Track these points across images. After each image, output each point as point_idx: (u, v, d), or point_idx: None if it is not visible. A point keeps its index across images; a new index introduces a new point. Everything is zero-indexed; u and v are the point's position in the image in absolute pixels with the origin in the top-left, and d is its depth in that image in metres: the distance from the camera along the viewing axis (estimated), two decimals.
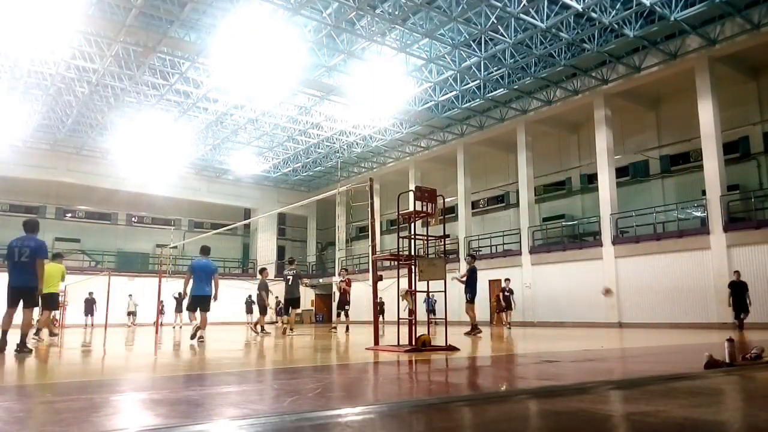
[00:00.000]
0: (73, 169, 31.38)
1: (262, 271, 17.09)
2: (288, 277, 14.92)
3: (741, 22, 18.00)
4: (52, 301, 11.91)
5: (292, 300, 14.84)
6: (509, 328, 18.17)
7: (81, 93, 23.15)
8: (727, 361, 5.10)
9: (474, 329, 13.35)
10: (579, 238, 24.57)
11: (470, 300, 14.09)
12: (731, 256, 18.26)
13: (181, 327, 22.58)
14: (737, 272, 16.71)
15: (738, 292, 16.31)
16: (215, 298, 10.61)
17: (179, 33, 18.78)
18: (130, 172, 31.69)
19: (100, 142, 29.32)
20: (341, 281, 17.76)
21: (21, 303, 8.14)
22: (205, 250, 11.05)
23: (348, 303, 17.41)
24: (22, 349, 7.79)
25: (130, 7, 16.95)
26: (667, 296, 19.57)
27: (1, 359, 7.03)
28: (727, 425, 2.78)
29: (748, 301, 16.15)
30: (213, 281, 10.58)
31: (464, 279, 14.30)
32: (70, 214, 35.06)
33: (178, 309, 24.63)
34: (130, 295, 28.54)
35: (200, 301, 10.68)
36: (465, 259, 16.31)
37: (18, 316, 8.07)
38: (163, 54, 20.35)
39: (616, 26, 17.84)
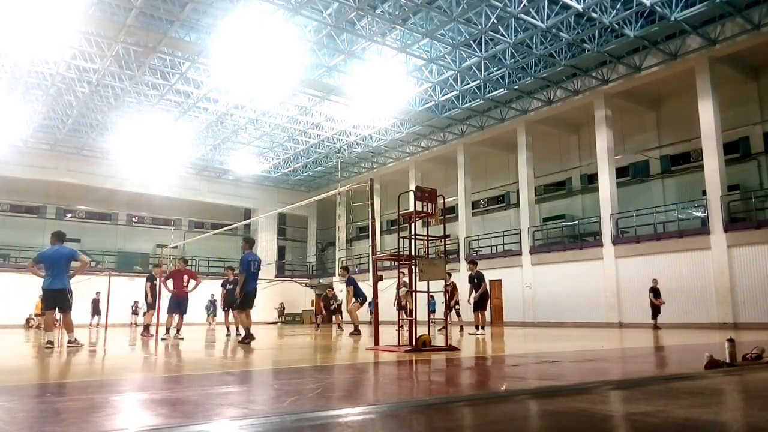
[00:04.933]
0: (74, 169, 31.39)
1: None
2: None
3: (741, 22, 18.00)
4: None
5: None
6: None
7: (81, 93, 23.15)
8: (728, 361, 5.09)
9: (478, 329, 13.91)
10: (579, 238, 24.56)
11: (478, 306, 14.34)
12: (731, 256, 18.27)
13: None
14: (655, 280, 18.32)
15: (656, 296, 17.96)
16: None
17: (179, 33, 18.79)
18: (130, 172, 31.70)
19: (100, 142, 29.33)
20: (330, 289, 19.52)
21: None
22: (59, 236, 9.12)
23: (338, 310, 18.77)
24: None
25: (130, 7, 16.95)
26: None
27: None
28: (728, 425, 2.77)
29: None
30: (70, 271, 8.99)
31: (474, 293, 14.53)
32: (70, 214, 35.07)
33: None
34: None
35: (54, 298, 8.91)
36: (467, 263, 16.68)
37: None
38: (164, 54, 20.36)
39: (616, 26, 17.84)
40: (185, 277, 12.91)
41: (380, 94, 21.88)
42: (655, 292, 18.10)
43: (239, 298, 10.77)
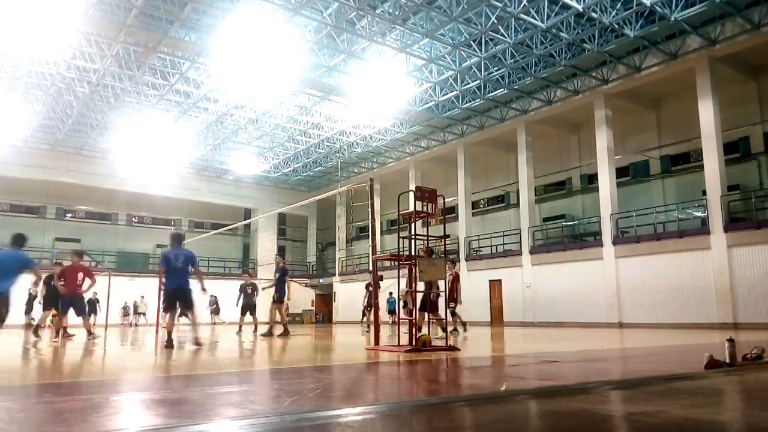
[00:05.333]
0: (74, 169, 31.39)
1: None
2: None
3: (741, 22, 18.00)
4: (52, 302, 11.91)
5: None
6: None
7: (81, 93, 23.15)
8: (728, 361, 5.09)
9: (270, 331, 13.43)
10: (579, 238, 24.56)
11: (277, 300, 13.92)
12: (731, 256, 18.27)
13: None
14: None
15: None
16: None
17: (179, 33, 18.79)
18: (130, 172, 31.69)
19: (100, 142, 29.33)
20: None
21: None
22: (17, 240, 8.49)
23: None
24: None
25: (130, 7, 16.95)
26: (668, 296, 19.57)
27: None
28: (728, 425, 2.77)
29: None
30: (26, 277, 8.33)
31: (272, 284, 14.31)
32: (70, 214, 35.07)
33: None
34: (143, 297, 28.81)
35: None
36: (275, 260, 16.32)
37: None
38: (164, 54, 20.36)
39: (616, 26, 17.83)
40: (80, 275, 11.71)
41: (380, 94, 21.88)
42: None
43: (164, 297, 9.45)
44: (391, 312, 20.08)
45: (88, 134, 28.32)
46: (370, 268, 10.10)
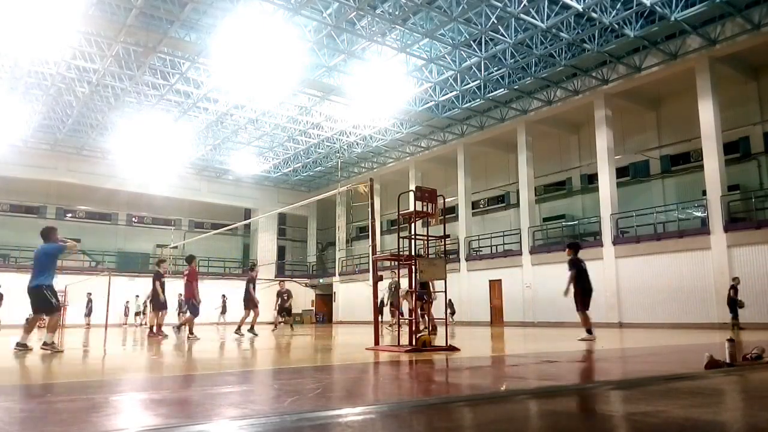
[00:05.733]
0: (74, 170, 31.40)
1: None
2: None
3: (741, 22, 18.00)
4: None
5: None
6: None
7: (81, 93, 23.15)
8: (728, 361, 5.09)
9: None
10: (579, 238, 24.54)
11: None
12: (732, 256, 18.27)
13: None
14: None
15: None
16: None
17: (179, 33, 18.79)
18: (130, 172, 31.70)
19: (100, 143, 29.34)
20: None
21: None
22: (45, 233, 8.58)
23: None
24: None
25: (130, 7, 16.95)
26: (668, 296, 19.58)
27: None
28: (728, 425, 2.77)
29: None
30: None
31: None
32: (70, 214, 35.08)
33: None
34: (137, 296, 28.83)
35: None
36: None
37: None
38: (164, 54, 20.36)
39: (616, 26, 17.84)
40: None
41: (380, 94, 21.88)
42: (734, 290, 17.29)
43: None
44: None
45: (88, 134, 28.32)
46: (390, 266, 9.96)
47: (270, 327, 20.17)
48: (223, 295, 29.64)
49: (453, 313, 25.43)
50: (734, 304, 16.89)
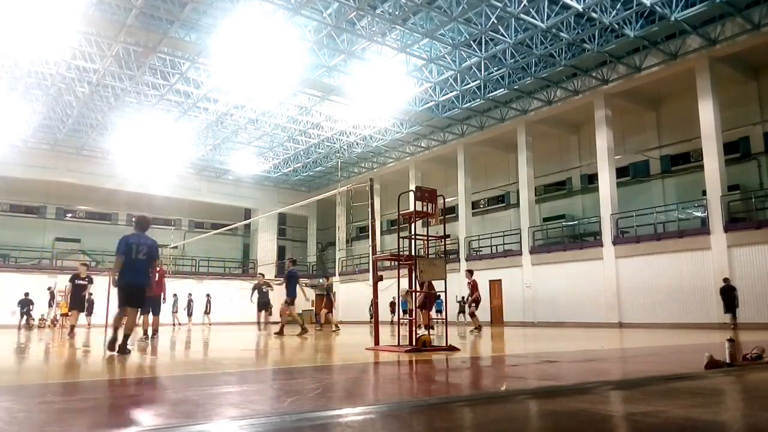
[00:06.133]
0: (74, 170, 31.39)
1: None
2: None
3: (741, 22, 18.00)
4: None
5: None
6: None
7: (81, 93, 23.15)
8: (728, 361, 5.09)
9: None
10: (579, 238, 24.57)
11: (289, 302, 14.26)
12: (732, 256, 18.27)
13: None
14: None
15: None
16: None
17: (179, 33, 18.79)
18: (130, 172, 31.69)
19: (100, 143, 29.33)
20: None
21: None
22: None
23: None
24: (123, 350, 7.26)
25: (130, 7, 16.95)
26: (668, 296, 19.58)
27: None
28: (728, 425, 2.77)
29: None
30: None
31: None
32: (70, 214, 35.07)
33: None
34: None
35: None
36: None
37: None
38: (164, 54, 20.35)
39: (616, 26, 17.83)
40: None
41: (380, 94, 21.88)
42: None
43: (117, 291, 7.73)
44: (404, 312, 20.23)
45: (88, 134, 28.32)
46: (390, 266, 9.68)
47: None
48: (208, 295, 29.57)
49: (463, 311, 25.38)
50: (733, 303, 16.91)
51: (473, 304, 15.38)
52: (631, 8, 17.02)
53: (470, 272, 15.90)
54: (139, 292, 7.68)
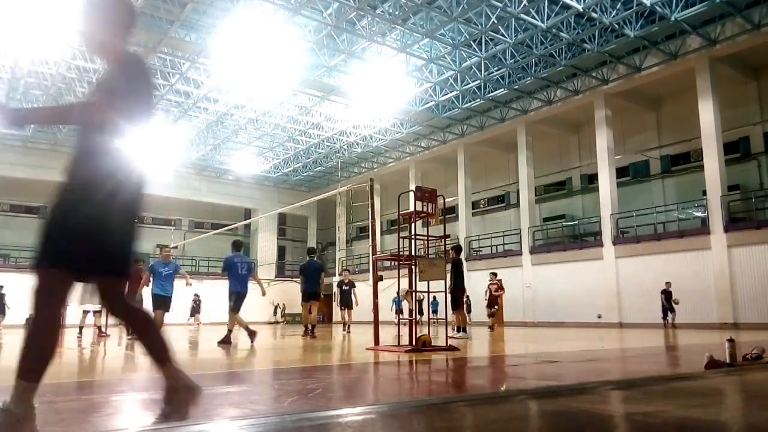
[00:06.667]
0: None
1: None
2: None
3: (741, 22, 18.01)
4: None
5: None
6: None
7: (81, 93, 23.15)
8: (728, 361, 5.09)
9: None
10: (579, 238, 24.57)
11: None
12: (732, 257, 18.27)
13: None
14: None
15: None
16: None
17: (180, 33, 18.79)
18: None
19: None
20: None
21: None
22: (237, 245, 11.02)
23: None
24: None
25: None
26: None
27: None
28: (728, 425, 2.77)
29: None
30: None
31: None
32: None
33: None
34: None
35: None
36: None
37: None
38: (164, 54, 20.36)
39: (616, 26, 17.84)
40: None
41: (380, 94, 21.89)
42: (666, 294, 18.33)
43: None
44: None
45: None
46: (411, 266, 9.52)
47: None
48: (196, 294, 29.59)
49: (470, 311, 25.42)
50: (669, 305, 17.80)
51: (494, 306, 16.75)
52: (631, 8, 17.03)
53: (494, 274, 17.22)
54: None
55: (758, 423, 2.83)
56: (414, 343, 7.89)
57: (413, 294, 8.88)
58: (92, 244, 2.29)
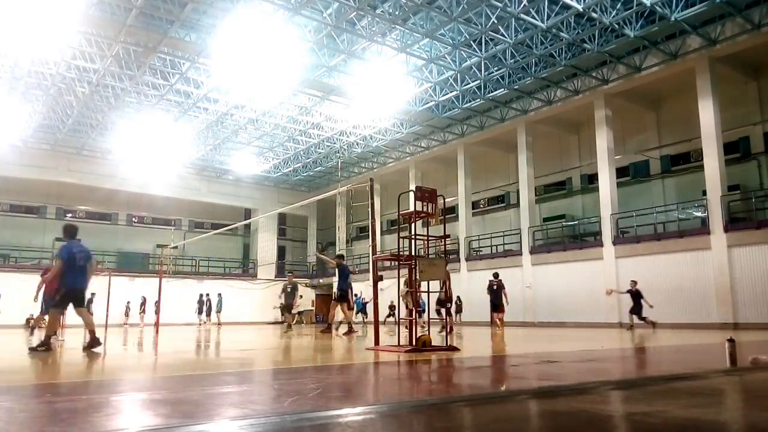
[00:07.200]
0: (74, 170, 31.40)
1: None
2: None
3: (741, 22, 18.00)
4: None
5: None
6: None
7: (81, 93, 23.15)
8: (728, 363, 5.09)
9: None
10: (579, 238, 24.56)
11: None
12: (732, 256, 18.26)
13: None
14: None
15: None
16: None
17: (180, 33, 18.79)
18: (130, 172, 31.71)
19: (100, 143, 29.34)
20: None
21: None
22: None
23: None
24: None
25: (131, 7, 16.95)
26: (668, 296, 19.54)
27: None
28: (728, 426, 2.77)
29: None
30: None
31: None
32: (70, 214, 35.05)
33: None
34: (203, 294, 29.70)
35: None
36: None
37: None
38: (164, 54, 20.36)
39: (616, 26, 17.83)
40: None
41: (380, 94, 21.87)
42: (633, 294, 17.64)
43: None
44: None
45: (88, 134, 28.32)
46: (390, 266, 9.59)
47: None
48: (201, 295, 29.93)
49: (460, 311, 25.52)
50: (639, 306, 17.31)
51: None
52: (631, 8, 17.02)
53: (495, 275, 17.70)
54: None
55: (758, 423, 2.83)
56: (414, 343, 7.89)
57: (413, 294, 8.87)
58: None
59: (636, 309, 17.20)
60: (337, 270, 14.77)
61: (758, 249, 17.77)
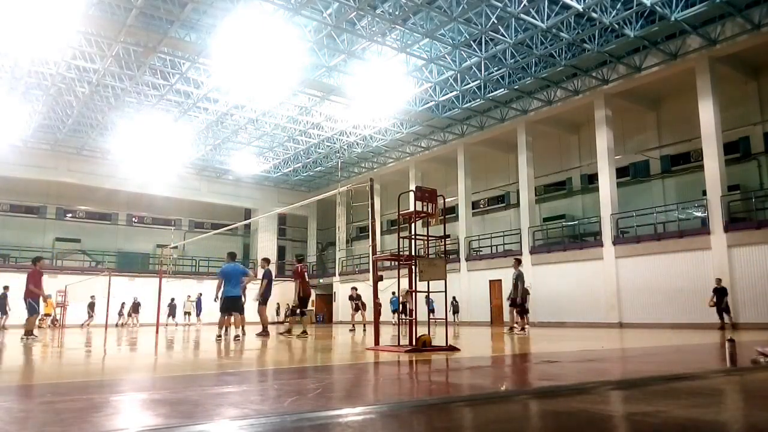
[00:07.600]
0: (74, 170, 31.41)
1: None
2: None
3: (741, 22, 18.00)
4: None
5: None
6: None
7: (81, 93, 23.15)
8: (729, 362, 5.09)
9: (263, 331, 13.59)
10: (579, 238, 24.56)
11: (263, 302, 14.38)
12: (732, 256, 18.26)
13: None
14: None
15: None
16: None
17: (180, 33, 18.79)
18: (130, 172, 31.71)
19: (100, 143, 29.34)
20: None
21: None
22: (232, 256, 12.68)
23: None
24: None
25: (131, 7, 16.95)
26: (668, 296, 19.57)
27: None
28: (728, 426, 2.77)
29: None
30: None
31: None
32: (70, 215, 35.08)
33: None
34: (189, 296, 29.45)
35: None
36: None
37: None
38: (164, 54, 20.36)
39: (616, 26, 17.83)
40: None
41: (380, 94, 21.88)
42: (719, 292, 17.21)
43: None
44: (394, 311, 20.96)
45: (88, 134, 28.32)
46: (391, 266, 9.56)
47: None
48: (189, 296, 30.01)
49: (456, 312, 25.56)
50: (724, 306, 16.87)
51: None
52: (631, 8, 17.02)
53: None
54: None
55: (758, 423, 2.83)
56: (414, 343, 7.89)
57: (413, 294, 8.87)
58: None
59: (723, 306, 16.86)
60: (264, 273, 14.85)
61: (758, 249, 17.77)
